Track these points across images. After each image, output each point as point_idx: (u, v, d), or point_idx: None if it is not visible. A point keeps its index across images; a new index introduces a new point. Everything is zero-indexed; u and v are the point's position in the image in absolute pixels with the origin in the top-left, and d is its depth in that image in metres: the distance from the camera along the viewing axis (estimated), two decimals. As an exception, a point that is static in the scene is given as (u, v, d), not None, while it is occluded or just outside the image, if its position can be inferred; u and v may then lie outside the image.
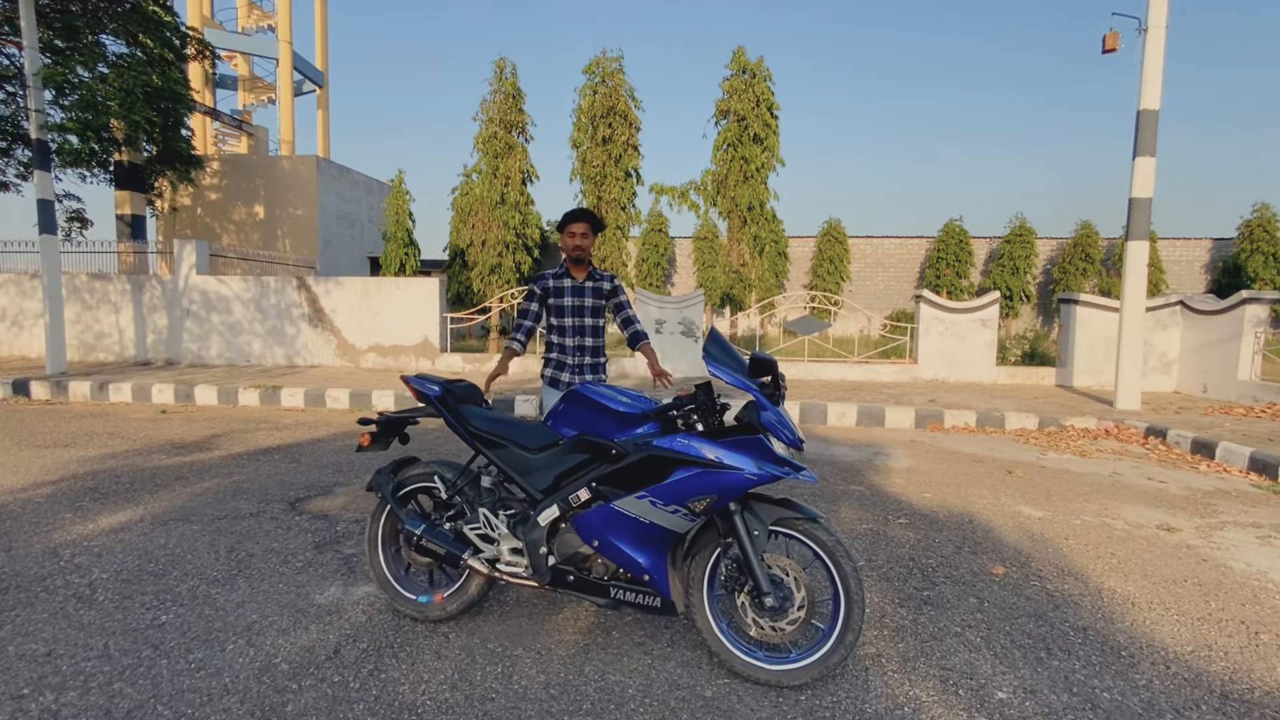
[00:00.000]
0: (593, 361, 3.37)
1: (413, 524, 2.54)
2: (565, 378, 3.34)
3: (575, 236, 3.22)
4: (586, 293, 3.32)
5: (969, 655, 2.43)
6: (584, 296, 3.31)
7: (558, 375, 3.36)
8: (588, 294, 3.32)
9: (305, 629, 2.55)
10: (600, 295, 3.35)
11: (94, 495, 4.19)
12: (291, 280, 10.67)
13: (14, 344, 11.16)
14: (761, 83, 13.74)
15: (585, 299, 3.32)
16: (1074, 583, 3.09)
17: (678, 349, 9.96)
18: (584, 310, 3.32)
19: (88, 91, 9.34)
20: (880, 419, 7.19)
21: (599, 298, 3.35)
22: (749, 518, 2.18)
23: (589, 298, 3.32)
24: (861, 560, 3.30)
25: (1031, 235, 16.99)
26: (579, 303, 3.31)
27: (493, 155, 12.99)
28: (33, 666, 2.25)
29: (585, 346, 3.34)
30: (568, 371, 3.35)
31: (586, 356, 3.35)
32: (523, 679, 2.24)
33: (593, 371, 3.37)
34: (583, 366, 3.35)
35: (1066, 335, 9.60)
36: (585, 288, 3.32)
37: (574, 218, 3.23)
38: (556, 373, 3.37)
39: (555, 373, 3.37)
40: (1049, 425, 6.93)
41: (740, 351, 2.31)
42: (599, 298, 3.35)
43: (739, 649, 2.24)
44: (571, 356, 3.33)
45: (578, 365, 3.34)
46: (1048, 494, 4.57)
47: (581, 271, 3.33)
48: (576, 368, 3.34)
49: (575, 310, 3.31)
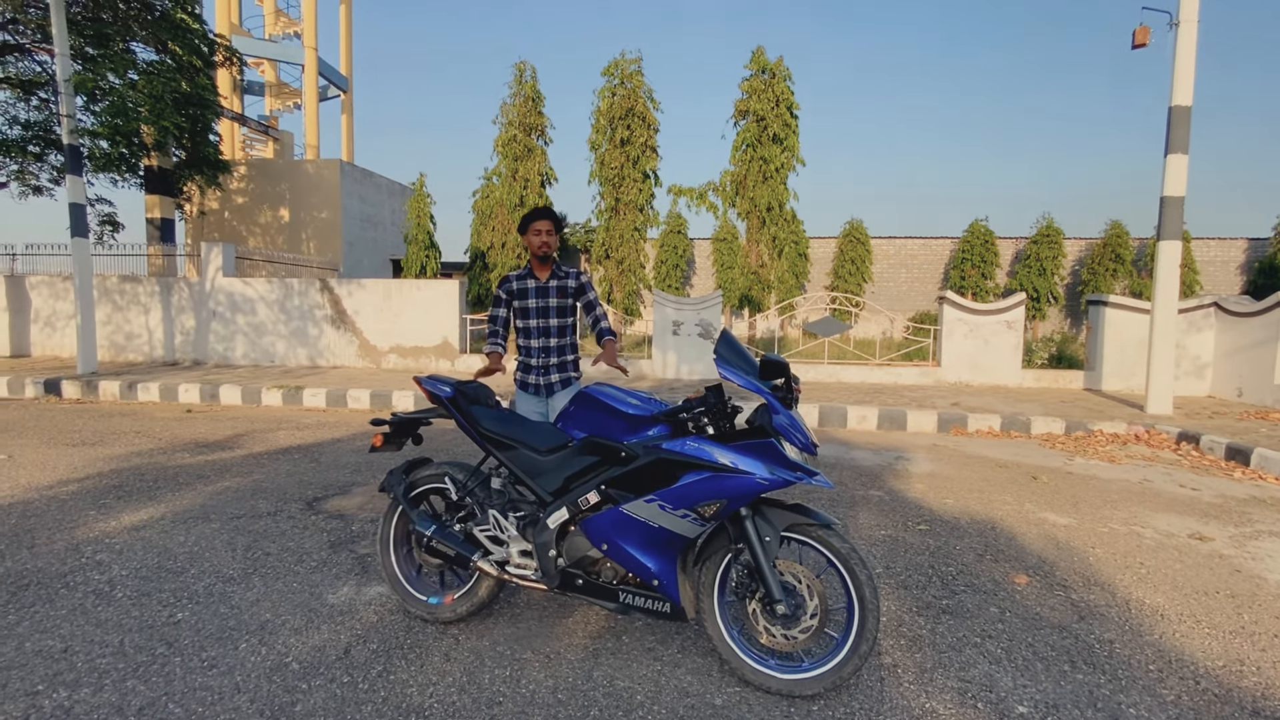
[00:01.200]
0: (559, 361, 3.29)
1: (423, 525, 2.54)
2: (532, 380, 3.29)
3: (540, 234, 3.15)
4: (550, 292, 3.24)
5: (989, 667, 2.35)
6: (548, 296, 3.24)
7: (525, 377, 3.31)
8: (552, 294, 3.24)
9: (317, 628, 2.56)
10: (565, 294, 3.26)
11: (118, 493, 4.27)
12: (315, 282, 10.83)
13: (47, 344, 11.48)
14: (781, 82, 13.64)
15: (550, 299, 3.24)
16: (1101, 593, 2.99)
17: (695, 351, 9.90)
18: (548, 310, 3.24)
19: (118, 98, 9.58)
20: (902, 422, 7.07)
21: (564, 296, 3.26)
22: (760, 523, 2.14)
23: (553, 297, 3.24)
24: (879, 567, 3.23)
25: (1059, 235, 16.61)
26: (543, 303, 3.23)
27: (512, 158, 13.07)
28: (49, 663, 2.29)
29: (550, 347, 3.26)
30: (534, 374, 3.29)
31: (553, 357, 3.27)
32: (530, 683, 2.22)
33: (560, 371, 3.29)
34: (549, 367, 3.27)
35: (1095, 337, 9.36)
36: (549, 287, 3.24)
37: (536, 216, 3.18)
38: (524, 375, 3.32)
39: (523, 375, 3.32)
40: (1076, 430, 6.75)
41: (753, 353, 2.27)
42: (564, 296, 3.26)
43: (750, 657, 2.20)
44: (537, 358, 3.27)
45: (543, 366, 3.27)
46: (1074, 501, 4.44)
47: (545, 271, 3.25)
48: (542, 369, 3.27)
49: (540, 311, 3.24)
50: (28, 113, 10.73)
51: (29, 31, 10.26)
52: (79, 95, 9.47)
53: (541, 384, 3.28)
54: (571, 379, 3.35)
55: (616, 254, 13.15)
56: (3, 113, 10.73)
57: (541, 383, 3.28)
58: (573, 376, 3.36)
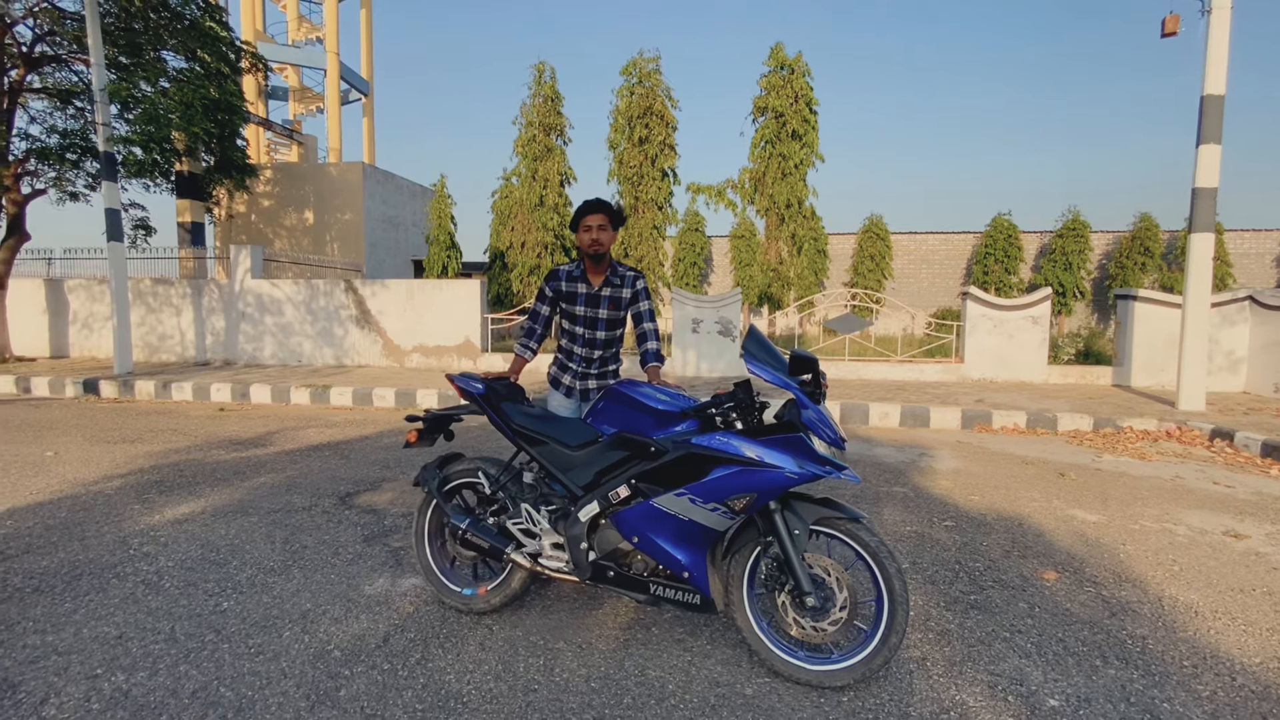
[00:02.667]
0: (599, 370, 3.08)
1: (458, 518, 2.61)
2: (566, 380, 3.11)
3: (592, 230, 2.82)
4: (602, 303, 2.96)
5: (1019, 661, 2.36)
6: (598, 307, 2.96)
7: (559, 376, 3.14)
8: (603, 304, 2.96)
9: (356, 618, 2.64)
10: (618, 306, 2.99)
11: (159, 488, 4.42)
12: (340, 283, 11.03)
13: (84, 345, 11.84)
14: (800, 78, 13.56)
15: (600, 309, 2.97)
16: (1132, 590, 2.97)
17: (715, 348, 9.91)
18: (596, 322, 2.99)
19: (151, 105, 9.85)
20: (925, 419, 7.02)
21: (616, 308, 2.98)
22: (789, 516, 2.17)
23: (604, 308, 2.96)
24: (906, 563, 3.24)
25: (1085, 229, 16.30)
26: (592, 313, 2.97)
27: (532, 158, 13.17)
28: (105, 648, 2.40)
29: (593, 358, 3.06)
30: (569, 375, 3.10)
31: (594, 366, 3.07)
32: (564, 671, 2.27)
33: (599, 380, 3.08)
34: (588, 375, 3.08)
35: (1124, 332, 9.20)
36: (601, 297, 2.95)
37: (591, 209, 2.83)
38: (559, 373, 3.15)
39: (558, 373, 3.15)
40: (1105, 426, 6.66)
41: (780, 350, 2.30)
42: (616, 308, 2.98)
43: (779, 648, 2.23)
44: (578, 364, 3.07)
45: (582, 373, 3.08)
46: (1103, 498, 4.39)
47: (599, 276, 2.95)
48: (580, 375, 3.08)
49: (587, 321, 2.99)
50: (65, 121, 11.06)
51: (65, 43, 10.57)
52: (113, 103, 9.74)
53: (577, 388, 3.11)
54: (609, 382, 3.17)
55: (635, 252, 13.20)
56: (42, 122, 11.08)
57: (577, 387, 3.09)
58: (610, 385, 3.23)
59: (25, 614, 2.65)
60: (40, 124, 11.08)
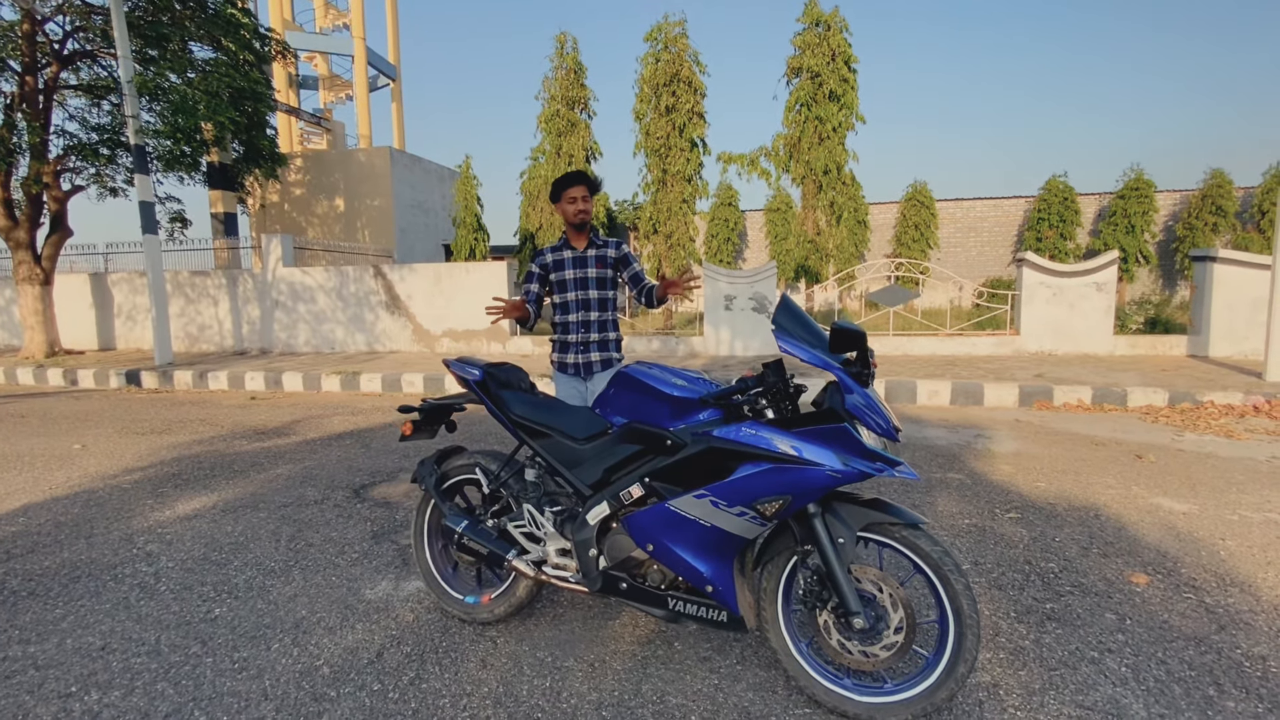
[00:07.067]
0: (600, 338, 3.02)
1: (454, 520, 2.34)
2: (570, 359, 3.03)
3: (578, 201, 2.90)
4: (589, 262, 3.00)
5: (1113, 689, 1.98)
6: (586, 266, 2.99)
7: (562, 357, 3.06)
8: (591, 263, 3.00)
9: (352, 628, 2.42)
10: (605, 264, 3.01)
11: (176, 481, 4.32)
12: (369, 269, 10.96)
13: (129, 337, 12.11)
14: (837, 34, 12.77)
15: (589, 269, 2.99)
16: (1241, 596, 2.53)
17: (749, 326, 9.48)
18: (587, 282, 2.99)
19: (179, 96, 9.83)
20: (978, 397, 6.51)
21: (603, 266, 3.01)
22: (832, 522, 1.82)
23: (593, 267, 3.00)
24: (966, 562, 2.85)
25: (1150, 188, 15.10)
26: (581, 274, 2.99)
27: (555, 134, 12.80)
28: (85, 662, 2.23)
29: (590, 321, 3.00)
30: (572, 352, 3.02)
31: (593, 333, 3.01)
32: (572, 696, 1.99)
33: (600, 350, 3.02)
34: (588, 344, 3.01)
35: (1201, 298, 8.40)
36: (587, 256, 3.00)
37: (571, 180, 2.91)
38: (561, 354, 3.06)
39: (560, 355, 3.07)
40: (1182, 401, 6.04)
41: (819, 325, 1.92)
42: (603, 266, 3.01)
43: (822, 674, 1.90)
44: (575, 333, 3.01)
45: (582, 343, 3.00)
46: (1191, 483, 3.89)
47: (582, 240, 3.01)
48: (581, 345, 3.01)
49: (578, 282, 2.99)
50: (99, 117, 11.18)
51: (95, 38, 10.63)
52: (142, 96, 9.76)
53: (580, 363, 3.01)
54: (613, 359, 3.05)
55: (664, 228, 12.74)
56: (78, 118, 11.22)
57: (580, 361, 3.01)
58: (614, 357, 3.07)
59: (14, 621, 2.52)
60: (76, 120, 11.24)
